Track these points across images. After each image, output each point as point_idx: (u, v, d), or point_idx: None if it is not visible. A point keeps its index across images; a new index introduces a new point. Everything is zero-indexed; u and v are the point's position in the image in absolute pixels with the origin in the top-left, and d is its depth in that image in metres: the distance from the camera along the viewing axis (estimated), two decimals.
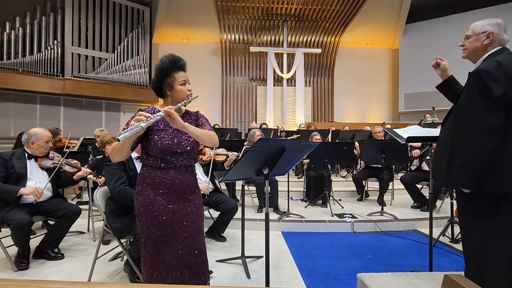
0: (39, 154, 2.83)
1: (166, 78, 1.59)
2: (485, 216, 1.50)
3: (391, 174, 4.75)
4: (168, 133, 1.55)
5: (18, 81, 8.72)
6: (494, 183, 1.43)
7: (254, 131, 4.31)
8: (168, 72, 1.58)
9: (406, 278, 1.88)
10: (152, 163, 1.57)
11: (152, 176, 1.56)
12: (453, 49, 3.65)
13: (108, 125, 10.15)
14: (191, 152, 1.61)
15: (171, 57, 1.59)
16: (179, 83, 1.59)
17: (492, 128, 1.38)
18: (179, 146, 1.56)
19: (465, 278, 0.66)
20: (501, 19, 1.61)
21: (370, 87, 12.27)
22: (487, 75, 1.41)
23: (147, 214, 1.55)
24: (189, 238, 1.58)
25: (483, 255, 1.50)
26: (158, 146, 1.52)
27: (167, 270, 1.54)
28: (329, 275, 2.55)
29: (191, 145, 1.59)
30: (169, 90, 1.60)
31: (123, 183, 2.35)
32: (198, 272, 1.60)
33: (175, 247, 1.54)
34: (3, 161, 2.68)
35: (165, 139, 1.54)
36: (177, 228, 1.55)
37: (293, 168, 4.37)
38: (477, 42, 1.57)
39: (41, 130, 2.86)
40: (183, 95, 1.58)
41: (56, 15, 9.64)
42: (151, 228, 1.54)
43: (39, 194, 2.62)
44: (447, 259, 2.89)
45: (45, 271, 2.56)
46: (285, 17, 10.80)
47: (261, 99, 11.51)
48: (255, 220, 3.82)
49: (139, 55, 11.03)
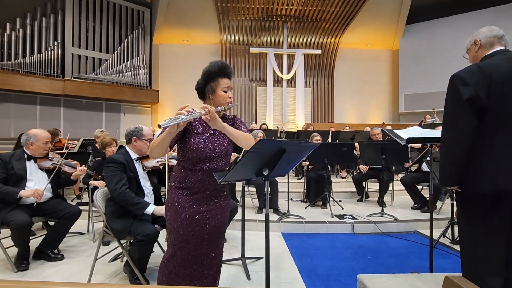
0: (38, 155, 2.83)
1: (211, 81, 1.65)
2: (479, 217, 1.52)
3: (391, 175, 4.75)
4: (204, 137, 1.61)
5: (18, 82, 8.72)
6: (473, 182, 1.50)
7: (256, 132, 4.29)
8: (214, 76, 1.65)
9: (407, 279, 1.88)
10: (185, 164, 1.63)
11: (183, 175, 1.62)
12: (453, 50, 3.66)
13: (108, 126, 10.16)
14: (224, 157, 1.67)
15: (220, 63, 1.67)
16: (222, 88, 1.65)
17: (462, 129, 1.47)
18: (214, 151, 1.62)
19: (465, 279, 0.66)
20: (501, 20, 1.65)
21: (370, 88, 12.28)
22: (458, 80, 1.50)
23: (171, 210, 1.61)
24: (208, 240, 1.63)
25: (477, 256, 1.51)
26: (194, 149, 1.58)
27: (183, 266, 1.60)
28: (329, 276, 2.55)
29: (224, 151, 1.66)
30: (211, 94, 1.66)
31: (124, 185, 2.34)
32: (211, 275, 1.66)
33: (193, 247, 1.59)
34: (2, 162, 2.68)
35: (201, 143, 1.59)
36: (198, 229, 1.60)
37: (293, 169, 4.37)
38: (472, 52, 1.72)
39: (40, 131, 2.85)
40: (223, 100, 1.65)
41: (57, 16, 9.65)
42: (173, 225, 1.60)
43: (39, 196, 2.61)
44: (447, 260, 2.89)
45: (45, 272, 2.55)
46: (285, 18, 10.82)
47: (261, 100, 11.52)
48: (255, 221, 3.82)
49: (139, 56, 11.05)
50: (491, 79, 1.45)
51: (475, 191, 1.51)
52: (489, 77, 1.46)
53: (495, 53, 1.59)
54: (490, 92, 1.45)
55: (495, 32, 1.62)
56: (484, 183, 1.47)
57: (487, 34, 1.63)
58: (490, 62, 1.54)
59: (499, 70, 1.48)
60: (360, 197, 5.04)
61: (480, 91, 1.45)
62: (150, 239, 2.21)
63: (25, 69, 8.91)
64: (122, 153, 2.52)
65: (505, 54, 1.56)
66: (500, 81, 1.45)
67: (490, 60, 1.56)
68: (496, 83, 1.45)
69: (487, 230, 1.49)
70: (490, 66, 1.50)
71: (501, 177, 1.44)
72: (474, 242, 1.53)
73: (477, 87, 1.45)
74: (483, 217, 1.50)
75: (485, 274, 1.48)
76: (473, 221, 1.54)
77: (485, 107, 1.46)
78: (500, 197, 1.47)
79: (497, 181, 1.44)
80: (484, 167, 1.48)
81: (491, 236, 1.48)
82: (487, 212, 1.50)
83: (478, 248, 1.51)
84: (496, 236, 1.48)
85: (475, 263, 1.52)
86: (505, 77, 1.46)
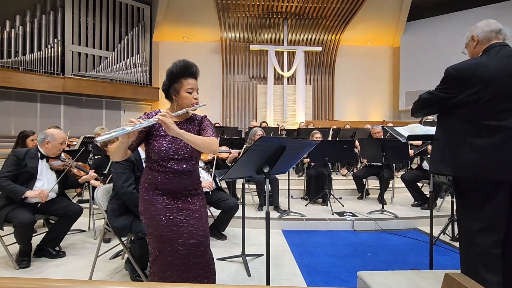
0: (52, 155, 2.84)
1: (174, 83, 1.60)
2: (472, 208, 1.54)
3: (391, 172, 4.75)
4: (167, 139, 1.56)
5: (19, 79, 8.71)
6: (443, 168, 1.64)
7: (255, 130, 4.30)
8: (177, 77, 1.59)
9: (407, 276, 1.88)
10: (152, 166, 1.60)
11: (152, 177, 1.59)
12: (454, 47, 3.64)
13: (108, 124, 10.17)
14: (189, 159, 1.61)
15: (183, 63, 1.60)
16: (186, 90, 1.59)
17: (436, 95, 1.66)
18: (177, 153, 1.57)
19: (465, 276, 0.66)
20: (501, 16, 1.65)
21: (371, 85, 12.24)
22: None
23: (146, 213, 1.58)
24: (190, 239, 1.57)
25: (474, 252, 1.52)
26: (156, 151, 1.55)
27: (168, 269, 1.55)
28: (330, 273, 2.56)
29: (189, 152, 1.60)
30: (175, 96, 1.61)
31: (131, 185, 2.33)
32: (200, 274, 1.60)
33: (174, 248, 1.55)
34: (16, 159, 2.69)
35: (163, 145, 1.55)
36: (175, 229, 1.56)
37: (293, 166, 4.37)
38: (470, 48, 1.72)
39: (57, 131, 2.88)
40: (188, 102, 1.59)
41: (56, 14, 9.62)
42: (150, 228, 1.57)
43: (44, 198, 2.63)
44: (447, 257, 2.90)
45: (46, 269, 2.57)
46: (285, 15, 10.77)
47: (261, 97, 11.50)
48: (256, 219, 3.82)
49: (140, 53, 11.02)
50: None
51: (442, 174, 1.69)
52: (468, 76, 1.52)
53: (490, 46, 1.59)
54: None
55: (493, 26, 1.61)
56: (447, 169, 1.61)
57: (485, 29, 1.62)
58: (478, 61, 1.57)
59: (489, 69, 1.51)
60: (361, 194, 5.05)
61: (455, 91, 1.56)
62: None
63: (25, 67, 8.89)
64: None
65: (501, 49, 1.56)
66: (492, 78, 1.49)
67: (480, 59, 1.58)
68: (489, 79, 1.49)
69: (484, 224, 1.50)
70: (470, 64, 1.56)
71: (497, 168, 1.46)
72: (471, 237, 1.53)
73: (457, 87, 1.55)
74: (480, 207, 1.51)
75: (483, 270, 1.48)
76: (470, 214, 1.55)
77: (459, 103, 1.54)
78: (497, 187, 1.48)
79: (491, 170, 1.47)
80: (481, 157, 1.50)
81: (487, 231, 1.49)
82: (483, 204, 1.50)
83: (475, 244, 1.51)
84: (493, 231, 1.48)
85: (473, 259, 1.52)
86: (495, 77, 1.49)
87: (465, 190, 1.58)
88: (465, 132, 1.53)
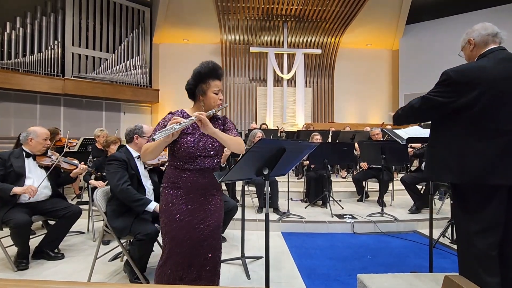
0: (37, 152, 2.83)
1: (201, 83, 1.64)
2: (473, 210, 1.53)
3: (391, 175, 4.75)
4: (194, 137, 1.61)
5: (19, 81, 8.70)
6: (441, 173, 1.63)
7: (255, 132, 4.30)
8: (205, 78, 1.63)
9: (406, 279, 1.88)
10: (176, 164, 1.62)
11: (175, 175, 1.62)
12: (453, 50, 3.65)
13: (108, 125, 10.15)
14: (214, 156, 1.66)
15: (212, 65, 1.64)
16: (213, 91, 1.64)
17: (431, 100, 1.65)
18: (204, 150, 1.61)
19: (465, 279, 0.66)
20: (501, 20, 1.65)
21: (370, 87, 12.27)
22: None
23: (166, 212, 1.61)
24: (204, 240, 1.61)
25: (472, 254, 1.52)
26: (184, 148, 1.58)
27: (178, 268, 1.58)
28: (329, 275, 2.55)
29: (215, 150, 1.65)
30: (202, 96, 1.65)
31: (125, 182, 2.35)
32: (208, 277, 1.63)
33: (188, 249, 1.58)
34: (1, 160, 2.68)
35: (191, 142, 1.59)
36: (193, 230, 1.58)
37: (293, 168, 4.37)
38: (466, 51, 1.71)
39: (39, 128, 2.88)
40: (214, 102, 1.64)
41: (57, 15, 9.64)
42: (169, 227, 1.59)
43: (32, 192, 2.59)
44: (447, 260, 2.89)
45: (44, 271, 2.56)
46: (285, 18, 10.80)
47: (261, 99, 11.51)
48: (255, 221, 3.82)
49: (140, 55, 11.03)
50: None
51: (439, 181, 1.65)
52: (464, 81, 1.51)
53: (487, 52, 1.58)
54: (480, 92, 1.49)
55: (490, 30, 1.60)
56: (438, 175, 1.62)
57: (481, 32, 1.61)
58: (473, 65, 1.56)
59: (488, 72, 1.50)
60: (360, 196, 5.04)
61: (451, 95, 1.54)
62: (150, 238, 2.21)
63: (25, 68, 8.90)
64: (123, 151, 2.53)
65: (496, 54, 1.56)
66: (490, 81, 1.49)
67: (474, 63, 1.57)
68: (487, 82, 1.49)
69: (481, 226, 1.50)
70: (464, 68, 1.54)
71: (495, 172, 1.45)
72: (469, 239, 1.53)
73: (454, 91, 1.53)
74: (478, 210, 1.51)
75: (481, 272, 1.48)
76: (468, 216, 1.55)
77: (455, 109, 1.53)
78: (496, 189, 1.48)
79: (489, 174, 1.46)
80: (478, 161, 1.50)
81: (486, 233, 1.49)
82: (481, 206, 1.50)
83: (473, 245, 1.51)
84: (491, 233, 1.48)
85: (471, 260, 1.52)
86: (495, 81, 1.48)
87: (463, 193, 1.57)
88: (466, 137, 1.52)
